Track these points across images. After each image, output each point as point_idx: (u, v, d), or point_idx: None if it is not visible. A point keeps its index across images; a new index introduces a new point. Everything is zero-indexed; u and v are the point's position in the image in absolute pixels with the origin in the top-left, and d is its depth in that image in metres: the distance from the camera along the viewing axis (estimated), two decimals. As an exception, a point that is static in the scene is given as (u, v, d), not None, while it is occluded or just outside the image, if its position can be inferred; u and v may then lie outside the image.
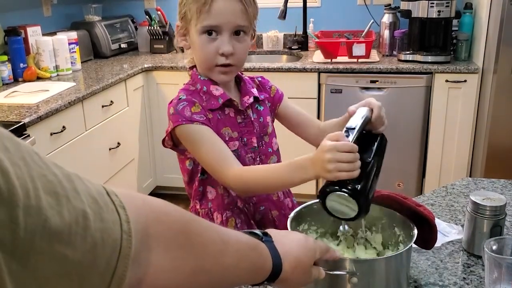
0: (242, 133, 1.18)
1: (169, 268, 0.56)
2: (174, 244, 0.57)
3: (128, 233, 0.48)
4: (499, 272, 0.85)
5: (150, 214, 0.55)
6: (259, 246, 0.73)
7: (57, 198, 0.41)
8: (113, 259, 0.46)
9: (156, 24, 3.40)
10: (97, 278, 0.45)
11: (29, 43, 2.80)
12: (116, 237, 0.47)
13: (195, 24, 1.09)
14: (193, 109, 1.11)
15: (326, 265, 0.83)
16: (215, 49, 1.10)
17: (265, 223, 1.22)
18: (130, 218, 0.49)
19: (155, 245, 0.54)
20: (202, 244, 0.62)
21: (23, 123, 1.96)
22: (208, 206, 1.21)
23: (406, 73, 2.78)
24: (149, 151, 3.21)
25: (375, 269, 0.87)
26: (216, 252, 0.63)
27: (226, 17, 1.08)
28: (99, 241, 0.44)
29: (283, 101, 1.29)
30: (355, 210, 0.83)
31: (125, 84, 2.87)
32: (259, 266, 0.71)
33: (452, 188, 1.42)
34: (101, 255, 0.45)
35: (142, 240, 0.51)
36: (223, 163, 1.07)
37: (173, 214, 0.59)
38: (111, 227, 0.47)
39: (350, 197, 0.83)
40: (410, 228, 0.92)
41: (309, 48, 3.39)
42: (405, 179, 2.97)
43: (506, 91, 2.58)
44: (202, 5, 1.06)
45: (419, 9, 2.79)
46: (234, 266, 0.66)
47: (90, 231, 0.43)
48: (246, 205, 1.21)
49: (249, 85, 1.23)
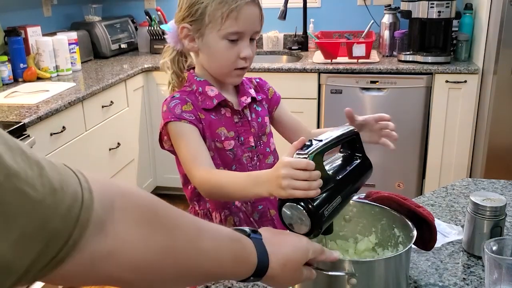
0: (239, 132, 1.19)
1: (138, 243, 0.56)
2: (142, 220, 0.57)
3: (88, 190, 0.50)
4: (499, 272, 0.85)
5: (116, 190, 0.56)
6: (243, 239, 0.73)
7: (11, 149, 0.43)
8: (75, 207, 0.48)
9: (156, 25, 3.40)
10: (59, 221, 0.46)
11: (29, 43, 2.80)
12: (75, 189, 0.49)
13: (217, 29, 1.09)
14: (184, 107, 1.12)
15: (325, 265, 0.82)
16: (236, 53, 1.12)
17: (264, 222, 1.22)
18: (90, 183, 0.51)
19: (121, 219, 0.55)
20: (173, 225, 0.62)
21: (23, 123, 1.96)
22: (207, 206, 1.21)
23: (406, 73, 2.78)
24: (149, 152, 3.21)
25: (374, 270, 0.87)
26: (189, 235, 0.63)
27: (250, 24, 1.10)
28: (58, 188, 0.47)
29: (279, 105, 1.30)
30: (307, 226, 0.80)
31: (125, 84, 2.87)
32: (242, 258, 0.71)
33: (452, 188, 1.42)
34: (61, 200, 0.46)
35: (107, 210, 0.53)
36: (194, 162, 1.08)
37: (141, 194, 0.60)
38: (69, 180, 0.49)
39: (304, 212, 0.80)
40: (409, 229, 0.92)
41: (309, 49, 3.39)
42: (405, 180, 2.97)
43: (506, 92, 2.58)
44: (230, 11, 1.07)
45: (419, 9, 2.79)
46: (212, 252, 0.66)
47: (46, 178, 0.46)
48: (244, 204, 1.21)
49: (246, 85, 1.24)
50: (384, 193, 0.99)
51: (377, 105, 2.84)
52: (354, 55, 2.90)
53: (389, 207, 0.98)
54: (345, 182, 0.89)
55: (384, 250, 1.00)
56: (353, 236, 1.04)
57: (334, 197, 0.84)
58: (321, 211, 0.81)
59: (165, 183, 3.28)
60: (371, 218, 1.02)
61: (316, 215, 0.80)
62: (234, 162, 1.17)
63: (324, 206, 0.82)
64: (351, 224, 1.04)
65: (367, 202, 1.02)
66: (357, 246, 1.02)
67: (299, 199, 0.81)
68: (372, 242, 1.01)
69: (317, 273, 0.82)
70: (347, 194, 0.90)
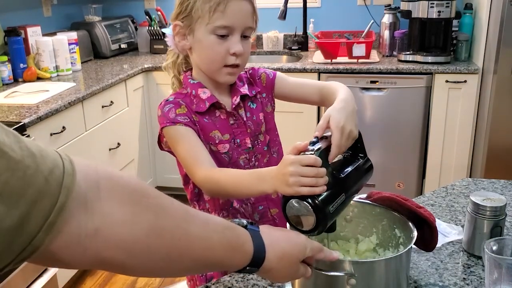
0: (235, 134, 1.17)
1: (125, 221, 0.56)
2: (130, 200, 0.57)
3: (69, 161, 0.51)
4: (499, 272, 0.85)
5: (102, 172, 0.56)
6: (238, 229, 0.73)
7: None
8: (56, 172, 0.49)
9: (156, 25, 3.40)
10: (42, 181, 0.47)
11: (29, 43, 2.80)
12: (55, 158, 0.50)
13: (205, 24, 1.07)
14: (178, 110, 1.11)
15: (324, 266, 0.82)
16: (225, 49, 1.09)
17: (265, 222, 1.21)
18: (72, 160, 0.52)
19: (107, 197, 0.55)
20: (161, 207, 0.62)
21: (23, 124, 1.96)
22: (206, 207, 1.21)
23: (406, 73, 2.78)
24: (149, 152, 3.21)
25: (374, 271, 0.87)
26: (178, 218, 0.63)
27: (239, 18, 1.08)
28: (37, 154, 0.48)
29: (276, 82, 1.25)
30: (312, 223, 0.81)
31: (125, 84, 2.87)
32: (237, 246, 0.71)
33: (452, 188, 1.42)
34: (42, 163, 0.47)
35: (92, 188, 0.53)
36: (195, 162, 1.07)
37: (130, 178, 0.60)
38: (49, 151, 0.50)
39: (310, 208, 0.80)
40: (410, 230, 0.92)
41: (309, 49, 3.39)
42: (405, 180, 2.97)
43: (506, 92, 2.58)
44: (217, 4, 1.05)
45: (419, 9, 2.79)
46: (202, 236, 0.65)
47: (24, 144, 0.47)
48: (243, 205, 1.20)
49: (239, 83, 1.21)
50: (385, 193, 0.99)
51: (377, 105, 2.84)
52: (354, 55, 2.90)
53: (390, 208, 0.98)
54: (349, 181, 0.89)
55: (385, 251, 1.00)
56: (354, 237, 1.04)
57: (339, 195, 0.85)
58: (327, 208, 0.81)
59: (165, 183, 3.28)
60: (372, 218, 1.02)
61: (322, 211, 0.80)
62: (230, 165, 1.16)
63: (329, 203, 0.82)
64: (352, 224, 1.04)
65: (368, 203, 1.02)
66: (358, 246, 1.02)
67: (305, 196, 0.81)
68: (373, 242, 1.01)
69: (317, 274, 0.82)
70: (351, 193, 0.90)
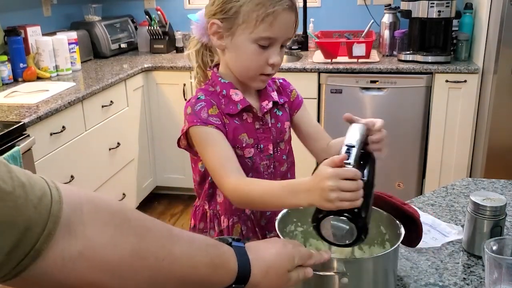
0: (259, 139, 1.14)
1: (107, 244, 0.57)
2: (112, 223, 0.58)
3: (55, 188, 0.53)
4: (499, 272, 0.85)
5: (84, 196, 0.58)
6: (222, 246, 0.72)
7: None
8: (45, 199, 0.51)
9: (156, 24, 3.39)
10: (32, 210, 0.49)
11: (29, 43, 2.80)
12: (43, 186, 0.52)
13: (249, 32, 1.03)
14: (210, 111, 1.08)
15: (316, 265, 0.82)
16: (265, 59, 1.06)
17: (270, 228, 1.19)
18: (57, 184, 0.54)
19: (89, 221, 0.56)
20: (144, 228, 0.62)
21: (23, 123, 1.96)
22: (217, 208, 1.19)
23: (406, 73, 2.78)
24: (149, 151, 3.21)
25: (365, 268, 0.87)
26: (161, 239, 0.63)
27: (284, 30, 1.06)
28: (26, 183, 0.50)
29: (300, 109, 1.24)
30: (354, 235, 0.79)
31: (125, 84, 2.87)
32: (220, 263, 0.70)
33: (452, 188, 1.42)
34: (31, 193, 0.50)
35: (74, 212, 0.54)
36: (223, 170, 1.03)
37: (111, 201, 0.61)
38: (36, 179, 0.53)
39: (350, 222, 0.78)
40: (396, 227, 0.92)
41: (309, 48, 3.39)
42: (405, 179, 2.97)
43: (506, 91, 2.58)
44: (266, 15, 1.01)
45: (419, 9, 2.79)
46: (185, 256, 0.65)
47: (15, 174, 0.50)
48: (253, 212, 1.18)
49: (269, 88, 1.18)
50: None
51: (377, 104, 2.84)
52: (354, 55, 2.90)
53: (374, 205, 0.98)
54: (372, 181, 0.87)
55: (370, 248, 1.00)
56: None
57: (370, 198, 0.83)
58: (366, 218, 0.80)
59: (165, 183, 3.28)
60: None
61: (364, 225, 0.79)
62: (252, 171, 1.13)
63: (367, 214, 0.80)
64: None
65: None
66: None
67: (343, 210, 0.79)
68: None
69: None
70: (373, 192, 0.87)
